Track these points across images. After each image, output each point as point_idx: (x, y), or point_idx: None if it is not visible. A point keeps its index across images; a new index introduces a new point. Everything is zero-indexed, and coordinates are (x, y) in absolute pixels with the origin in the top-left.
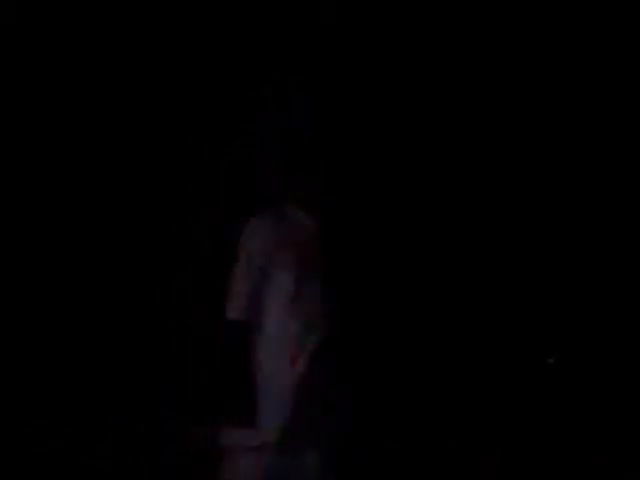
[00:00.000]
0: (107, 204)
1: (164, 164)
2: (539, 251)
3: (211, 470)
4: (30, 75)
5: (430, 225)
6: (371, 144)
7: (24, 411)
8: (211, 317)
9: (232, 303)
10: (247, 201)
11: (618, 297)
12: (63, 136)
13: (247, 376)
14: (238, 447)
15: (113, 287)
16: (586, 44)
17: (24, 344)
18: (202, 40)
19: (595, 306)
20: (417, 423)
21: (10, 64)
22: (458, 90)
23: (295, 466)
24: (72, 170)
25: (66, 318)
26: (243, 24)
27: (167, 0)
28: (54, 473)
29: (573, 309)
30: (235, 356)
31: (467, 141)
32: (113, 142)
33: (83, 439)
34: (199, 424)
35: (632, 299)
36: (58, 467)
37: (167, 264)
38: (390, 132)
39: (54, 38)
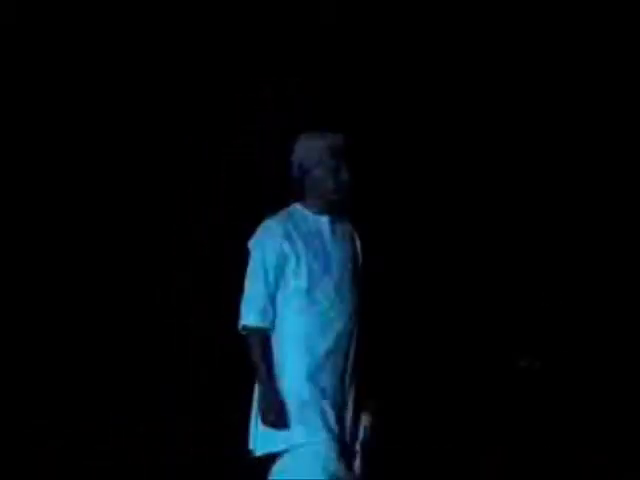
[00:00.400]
0: (107, 204)
1: (164, 164)
2: (541, 253)
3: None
4: (30, 75)
5: (432, 227)
6: (371, 144)
7: (24, 411)
8: (211, 317)
9: (249, 307)
10: (247, 201)
11: (618, 298)
12: (63, 136)
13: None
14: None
15: (113, 287)
16: (586, 44)
17: (24, 344)
18: (202, 40)
19: (596, 307)
20: (417, 423)
21: (10, 64)
22: (458, 90)
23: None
24: (72, 170)
25: (66, 318)
26: (243, 24)
27: (167, 0)
28: (54, 473)
29: (574, 310)
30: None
31: (467, 141)
32: (113, 142)
33: (83, 439)
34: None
35: (631, 300)
36: (58, 467)
37: (167, 264)
38: (390, 132)
39: (54, 38)
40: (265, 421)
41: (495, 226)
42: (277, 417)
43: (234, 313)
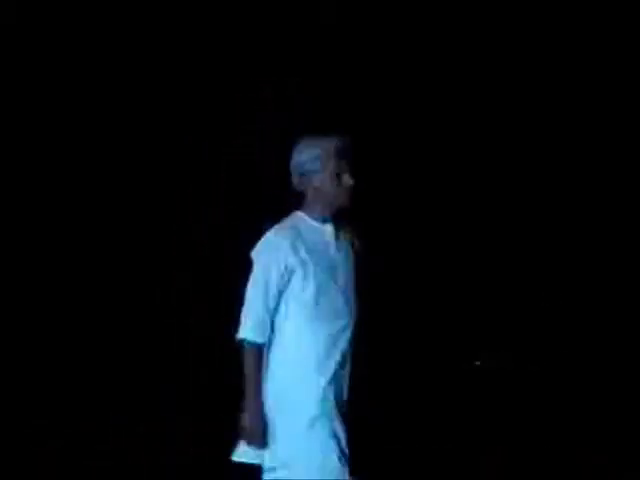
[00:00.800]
0: (107, 204)
1: (164, 164)
2: (541, 253)
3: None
4: (30, 75)
5: (432, 227)
6: (371, 144)
7: (24, 411)
8: (211, 317)
9: (246, 320)
10: (247, 201)
11: (617, 298)
12: (63, 136)
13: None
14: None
15: (113, 287)
16: (586, 44)
17: (24, 344)
18: (202, 40)
19: (595, 308)
20: (417, 423)
21: (10, 64)
22: (458, 89)
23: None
24: (72, 170)
25: (66, 318)
26: (243, 24)
27: (167, 0)
28: (54, 473)
29: (573, 311)
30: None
31: (467, 141)
32: (113, 142)
33: (83, 439)
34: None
35: (631, 300)
36: (58, 467)
37: (167, 264)
38: (390, 132)
39: (54, 38)
40: (243, 436)
41: (493, 228)
42: (256, 434)
43: (234, 313)
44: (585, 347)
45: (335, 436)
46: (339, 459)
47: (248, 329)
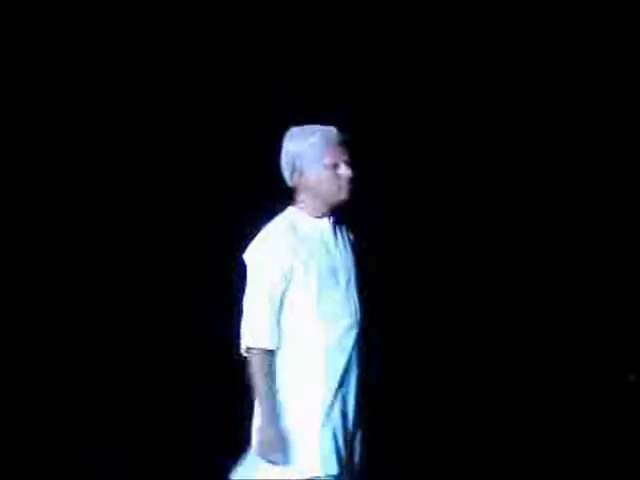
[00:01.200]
0: (107, 204)
1: (164, 164)
2: (541, 261)
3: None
4: (30, 75)
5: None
6: (371, 144)
7: (24, 411)
8: (211, 317)
9: (254, 328)
10: (247, 201)
11: (617, 307)
12: (63, 136)
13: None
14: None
15: (113, 287)
16: (586, 44)
17: (24, 344)
18: (202, 40)
19: (596, 315)
20: (417, 423)
21: (10, 64)
22: (459, 90)
23: None
24: (72, 170)
25: (66, 318)
26: (243, 24)
27: (168, 0)
28: (54, 473)
29: (574, 318)
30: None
31: (467, 141)
32: (113, 142)
33: (83, 439)
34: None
35: (631, 308)
36: (58, 467)
37: (167, 265)
38: (390, 132)
39: (54, 38)
40: (263, 453)
41: (494, 234)
42: (276, 448)
43: (235, 314)
44: (585, 355)
45: (336, 441)
46: (337, 466)
47: (260, 337)
